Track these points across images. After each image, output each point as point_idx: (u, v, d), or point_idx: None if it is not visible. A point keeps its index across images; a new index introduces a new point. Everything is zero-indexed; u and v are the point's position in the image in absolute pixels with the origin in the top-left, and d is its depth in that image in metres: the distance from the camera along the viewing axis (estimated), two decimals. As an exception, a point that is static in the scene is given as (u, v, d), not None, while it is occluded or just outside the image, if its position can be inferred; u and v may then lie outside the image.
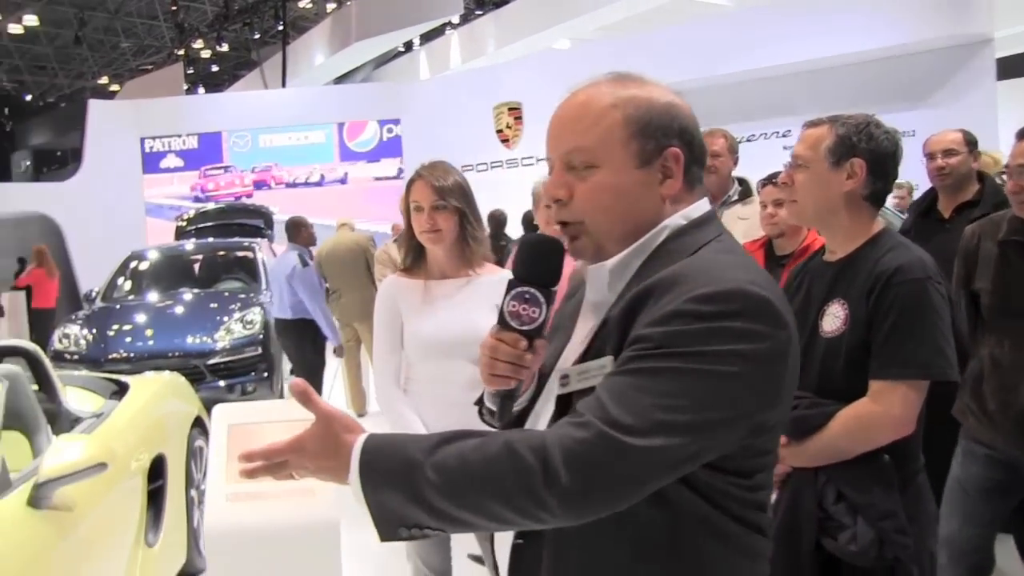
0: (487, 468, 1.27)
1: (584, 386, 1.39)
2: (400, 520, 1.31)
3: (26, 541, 2.91)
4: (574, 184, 1.46)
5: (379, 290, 3.17)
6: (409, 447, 1.33)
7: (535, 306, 1.47)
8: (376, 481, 1.32)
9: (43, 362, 4.20)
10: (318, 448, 1.39)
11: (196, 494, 4.83)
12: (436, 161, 3.11)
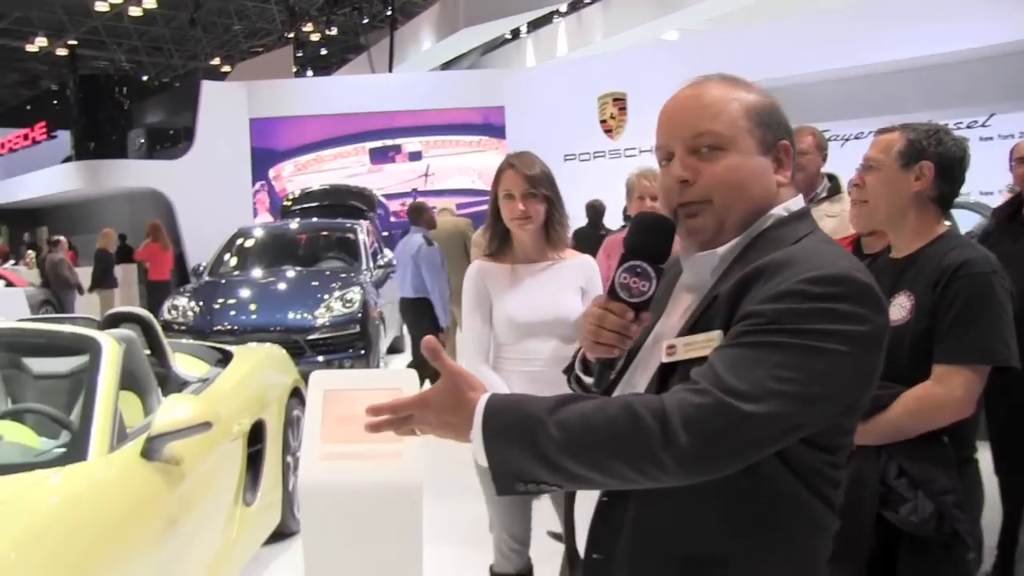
0: (608, 427, 1.35)
1: (690, 356, 1.47)
2: (518, 475, 1.39)
3: (139, 488, 3.13)
4: (700, 167, 1.55)
5: (467, 274, 3.31)
6: (531, 405, 1.41)
7: (646, 280, 1.55)
8: (498, 437, 1.40)
9: (155, 328, 4.45)
10: (443, 404, 1.46)
11: (292, 460, 5.05)
12: (523, 151, 3.26)
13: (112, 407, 3.26)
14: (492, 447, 1.39)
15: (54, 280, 14.76)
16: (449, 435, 1.48)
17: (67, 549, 2.60)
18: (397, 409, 1.49)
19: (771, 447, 1.38)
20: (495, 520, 3.19)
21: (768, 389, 1.34)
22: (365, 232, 10.67)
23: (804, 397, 1.35)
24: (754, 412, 1.32)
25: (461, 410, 1.44)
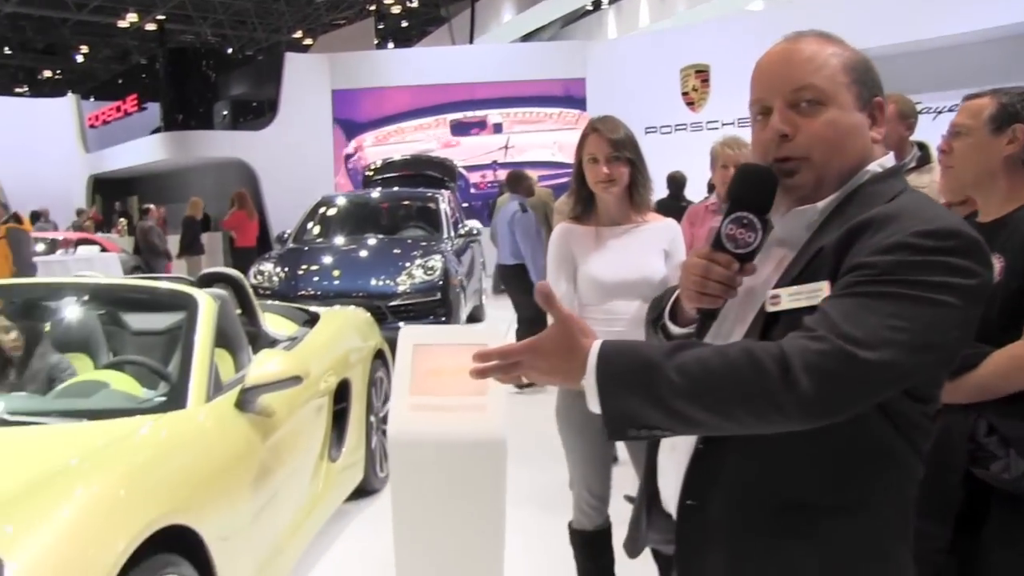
0: (728, 372, 1.37)
1: (794, 306, 1.49)
2: (631, 420, 1.41)
3: (234, 437, 3.28)
4: (799, 121, 1.56)
5: (552, 235, 3.36)
6: (647, 351, 1.44)
7: (752, 231, 1.55)
8: (613, 382, 1.41)
9: (246, 289, 4.60)
10: (555, 349, 1.47)
11: (375, 420, 5.19)
12: (607, 116, 3.28)
13: (208, 359, 3.41)
14: (606, 392, 1.41)
15: (144, 247, 15.18)
16: (558, 381, 1.50)
17: (168, 488, 2.74)
18: (506, 355, 1.50)
19: (883, 394, 1.41)
20: (575, 477, 3.25)
21: (883, 337, 1.36)
22: (446, 201, 10.78)
23: (916, 346, 1.38)
24: (871, 359, 1.34)
25: (574, 356, 1.45)
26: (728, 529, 1.54)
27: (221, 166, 23.97)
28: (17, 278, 7.28)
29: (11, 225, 8.40)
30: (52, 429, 3.03)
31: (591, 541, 3.25)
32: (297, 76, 21.65)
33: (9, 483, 2.51)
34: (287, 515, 3.78)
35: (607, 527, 3.27)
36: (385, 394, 5.43)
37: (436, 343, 2.68)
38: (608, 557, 3.29)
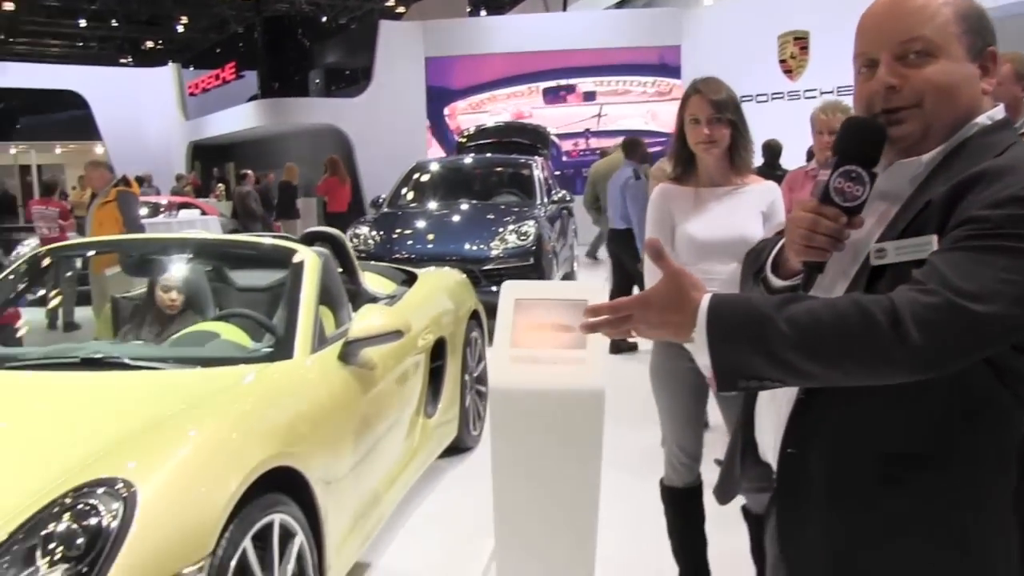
0: (839, 324, 1.38)
1: (901, 260, 1.49)
2: (741, 372, 1.43)
3: (338, 387, 3.39)
4: (908, 73, 1.55)
5: (652, 196, 3.36)
6: (756, 304, 1.45)
7: (860, 185, 1.54)
8: (723, 334, 1.43)
9: (347, 248, 4.72)
10: (665, 302, 1.49)
11: (469, 379, 5.28)
12: (709, 76, 3.25)
13: (313, 312, 3.52)
14: (716, 344, 1.43)
15: (241, 211, 15.55)
16: (668, 334, 1.52)
17: (277, 432, 2.86)
18: (617, 309, 1.52)
19: (994, 347, 1.41)
20: (667, 435, 3.29)
21: (995, 291, 1.35)
22: (540, 168, 10.80)
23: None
24: (982, 312, 1.34)
25: (683, 309, 1.47)
26: (828, 479, 1.54)
27: (315, 133, 24.38)
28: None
29: (121, 188, 8.69)
30: (169, 375, 3.18)
31: (682, 498, 3.28)
32: (391, 44, 21.81)
33: (131, 422, 2.65)
34: (385, 466, 3.89)
35: (698, 485, 3.30)
36: (479, 354, 5.52)
37: (537, 298, 2.73)
38: (698, 514, 3.32)
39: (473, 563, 3.83)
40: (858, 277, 1.56)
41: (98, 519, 2.17)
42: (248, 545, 2.52)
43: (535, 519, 2.63)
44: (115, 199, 8.45)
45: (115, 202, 8.42)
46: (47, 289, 5.91)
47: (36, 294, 5.46)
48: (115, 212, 8.38)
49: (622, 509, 4.26)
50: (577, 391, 2.54)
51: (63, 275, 6.47)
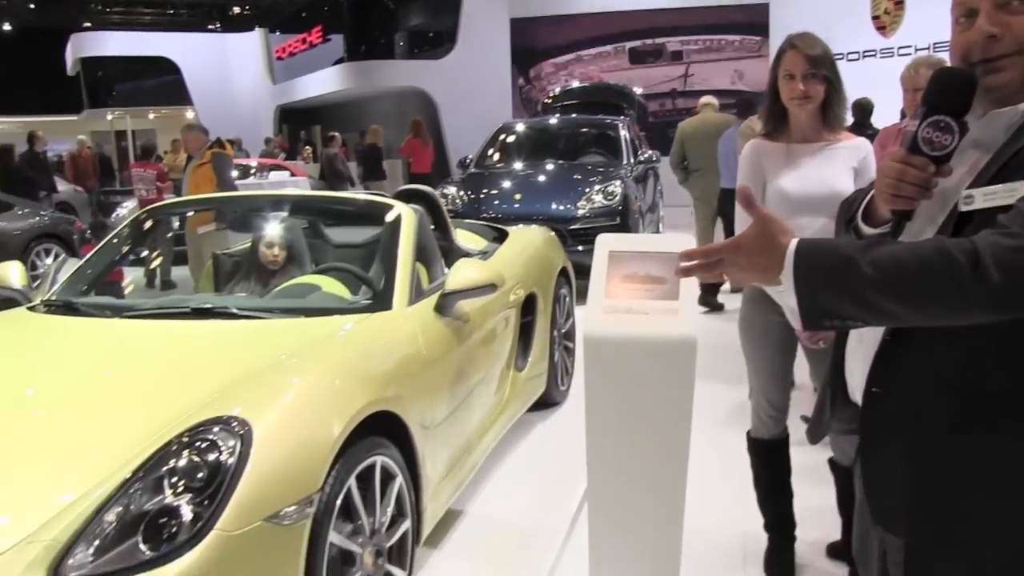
0: (922, 266, 1.42)
1: (988, 205, 1.51)
2: (827, 312, 1.49)
3: (434, 337, 3.49)
4: (1010, 20, 1.55)
5: (744, 151, 3.37)
6: (841, 246, 1.51)
7: (948, 134, 1.55)
8: (809, 276, 1.49)
9: (439, 205, 4.83)
10: (755, 247, 1.56)
11: (558, 335, 5.36)
12: (805, 32, 3.22)
13: (410, 265, 3.63)
14: (803, 285, 1.49)
15: (329, 173, 15.79)
16: (757, 277, 1.59)
17: (377, 379, 2.98)
18: (709, 253, 1.60)
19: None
20: (754, 387, 3.33)
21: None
22: (626, 128, 10.76)
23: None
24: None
25: (772, 252, 1.53)
26: (912, 417, 1.58)
27: (400, 95, 24.57)
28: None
29: (215, 150, 8.94)
30: (274, 324, 3.32)
31: (768, 449, 3.33)
32: (475, 5, 21.84)
33: (241, 368, 2.79)
34: (477, 416, 4.00)
35: (784, 437, 3.33)
36: (567, 311, 5.59)
37: (630, 250, 2.78)
38: (784, 466, 3.36)
39: (560, 512, 3.93)
40: (946, 224, 1.58)
41: (217, 454, 2.31)
42: (352, 484, 2.65)
43: (626, 466, 2.70)
44: (210, 161, 8.70)
45: (210, 164, 8.67)
46: (148, 249, 6.17)
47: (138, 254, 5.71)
48: (210, 174, 8.61)
49: (709, 460, 4.31)
50: (670, 340, 2.59)
51: (162, 235, 6.72)
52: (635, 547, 2.76)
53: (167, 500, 2.23)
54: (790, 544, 3.43)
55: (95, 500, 2.23)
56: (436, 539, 3.70)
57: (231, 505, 2.22)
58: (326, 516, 2.49)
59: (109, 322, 3.46)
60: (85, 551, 2.13)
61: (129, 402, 2.69)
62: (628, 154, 10.18)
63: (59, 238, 10.30)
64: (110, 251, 4.26)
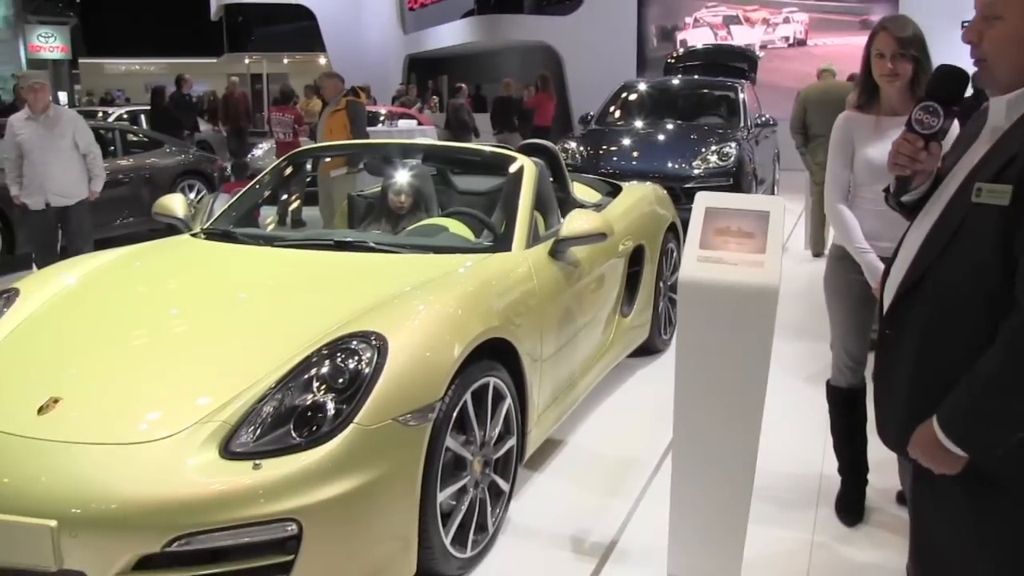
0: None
1: (992, 202, 1.76)
2: (996, 445, 1.73)
3: (548, 278, 3.86)
4: (984, 31, 1.86)
5: (836, 122, 3.61)
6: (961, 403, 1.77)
7: (934, 116, 1.96)
8: (967, 442, 1.76)
9: (559, 159, 5.16)
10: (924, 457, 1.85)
11: (663, 286, 5.67)
12: (898, 15, 3.48)
13: (529, 212, 4.00)
14: (969, 449, 1.77)
15: (455, 122, 16.24)
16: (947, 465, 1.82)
17: (494, 310, 3.36)
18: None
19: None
20: (835, 339, 3.59)
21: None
22: (745, 91, 10.87)
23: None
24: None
25: (935, 455, 1.82)
26: (914, 363, 1.89)
27: (526, 49, 24.82)
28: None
29: (350, 98, 9.43)
30: (407, 258, 3.74)
31: (845, 398, 3.60)
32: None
33: (379, 293, 3.21)
34: (582, 355, 4.36)
35: (861, 387, 3.58)
36: (674, 264, 5.89)
37: (725, 207, 3.07)
38: (861, 414, 3.62)
39: (651, 449, 4.28)
40: (953, 201, 1.88)
41: (357, 362, 2.74)
42: (468, 399, 3.05)
43: (709, 400, 3.01)
44: (345, 108, 9.19)
45: (344, 111, 9.16)
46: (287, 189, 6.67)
47: (279, 193, 6.21)
48: (344, 120, 9.11)
49: (793, 408, 4.68)
50: (756, 287, 2.88)
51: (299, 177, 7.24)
52: (713, 476, 3.08)
53: (314, 398, 2.67)
54: (862, 488, 3.70)
55: (256, 394, 2.69)
56: (537, 462, 4.10)
57: (367, 405, 2.64)
58: (444, 423, 2.89)
59: (262, 250, 3.94)
60: (247, 434, 2.58)
61: (284, 316, 3.15)
62: (745, 117, 10.31)
63: (202, 174, 10.99)
64: (259, 189, 4.74)
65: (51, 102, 7.16)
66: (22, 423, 2.64)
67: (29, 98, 7.03)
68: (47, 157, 6.99)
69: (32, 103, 7.01)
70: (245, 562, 2.47)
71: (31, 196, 7.05)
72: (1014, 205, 1.71)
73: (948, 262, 1.83)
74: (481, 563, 3.25)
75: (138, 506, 2.39)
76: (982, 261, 1.75)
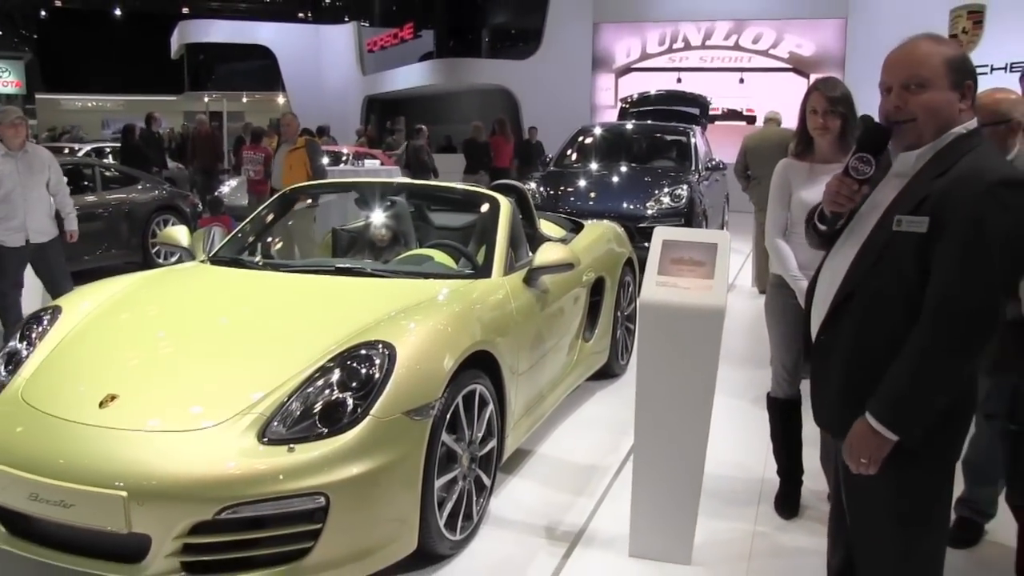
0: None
1: (910, 230, 2.30)
2: (923, 419, 2.26)
3: (523, 302, 4.39)
4: (908, 97, 2.38)
5: (776, 168, 4.18)
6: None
7: (868, 165, 2.43)
8: (899, 426, 2.26)
9: (527, 198, 5.70)
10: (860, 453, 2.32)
11: (621, 316, 6.22)
12: (829, 77, 4.09)
13: (506, 244, 4.54)
14: (900, 432, 2.26)
15: (415, 163, 16.75)
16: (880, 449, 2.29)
17: (479, 326, 3.86)
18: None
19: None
20: (774, 355, 4.15)
21: None
22: (696, 136, 11.54)
23: None
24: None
25: (867, 444, 2.30)
26: (845, 355, 2.41)
27: (484, 91, 25.51)
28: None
29: (308, 137, 9.94)
30: (400, 283, 4.24)
31: (782, 408, 4.14)
32: (561, 7, 22.67)
33: (379, 311, 3.71)
34: (550, 373, 4.88)
35: (797, 398, 4.13)
36: (631, 296, 6.44)
37: (679, 240, 3.62)
38: (796, 423, 4.16)
39: (611, 456, 4.81)
40: (876, 230, 2.40)
41: (369, 367, 3.24)
42: (460, 402, 3.55)
43: (665, 404, 3.53)
44: (304, 147, 9.66)
45: (303, 149, 9.63)
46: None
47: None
48: (304, 158, 9.60)
49: (737, 421, 5.29)
50: (705, 307, 3.42)
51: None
52: (669, 466, 3.60)
53: (335, 395, 3.16)
54: (797, 489, 4.24)
55: (285, 392, 3.18)
56: (512, 467, 4.59)
57: (380, 401, 3.14)
58: (440, 421, 3.39)
59: (269, 274, 4.44)
60: (279, 425, 3.07)
61: (301, 328, 3.65)
62: (696, 160, 10.96)
63: (175, 210, 11.37)
64: (257, 222, 5.23)
65: (27, 139, 6.96)
66: (88, 415, 3.12)
67: (8, 134, 6.72)
68: (28, 194, 6.80)
69: (10, 139, 6.74)
70: (282, 528, 2.95)
71: (10, 233, 6.75)
72: (929, 232, 2.25)
73: (875, 277, 2.34)
74: (468, 546, 3.75)
75: (193, 481, 2.87)
76: (904, 275, 2.28)
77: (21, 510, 3.04)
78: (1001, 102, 3.59)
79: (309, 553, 2.98)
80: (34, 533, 3.10)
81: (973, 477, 3.88)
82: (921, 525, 2.38)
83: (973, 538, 3.88)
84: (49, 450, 3.02)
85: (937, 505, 2.40)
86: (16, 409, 3.29)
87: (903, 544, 2.40)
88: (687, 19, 21.45)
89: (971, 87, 2.39)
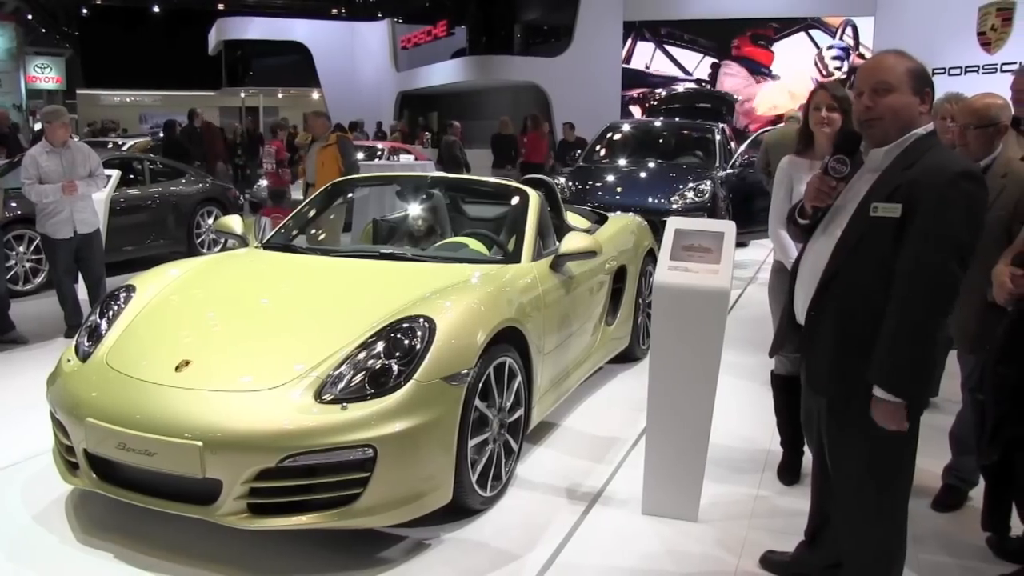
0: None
1: (885, 215, 2.69)
2: (925, 380, 2.69)
3: (549, 286, 4.80)
4: (878, 100, 2.77)
5: (780, 164, 4.55)
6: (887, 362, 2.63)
7: (844, 165, 2.83)
8: (904, 390, 2.62)
9: (555, 191, 6.11)
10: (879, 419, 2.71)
11: (642, 302, 6.61)
12: (832, 80, 4.41)
13: (535, 232, 4.96)
14: (905, 394, 2.61)
15: (447, 158, 17.20)
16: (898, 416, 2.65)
17: (509, 305, 4.27)
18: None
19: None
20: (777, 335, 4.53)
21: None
22: (721, 134, 11.90)
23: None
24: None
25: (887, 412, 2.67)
26: (835, 327, 2.80)
27: (515, 87, 25.89)
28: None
29: (339, 134, 10.28)
30: (438, 266, 4.67)
31: (785, 384, 4.50)
32: (592, 4, 22.98)
33: (420, 290, 4.14)
34: (574, 353, 5.28)
35: (798, 375, 4.48)
36: (651, 285, 6.81)
37: (690, 228, 4.03)
38: (798, 397, 4.50)
39: (629, 429, 5.21)
40: (855, 218, 2.79)
41: (412, 338, 3.66)
42: (491, 372, 3.97)
43: (676, 375, 3.94)
44: (335, 143, 9.99)
45: (335, 146, 9.92)
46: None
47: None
48: (335, 154, 9.86)
49: (745, 398, 5.68)
50: (712, 289, 3.82)
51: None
52: (677, 437, 4.00)
53: (382, 362, 3.59)
54: (799, 458, 4.60)
55: (338, 360, 3.61)
56: (537, 438, 5.01)
57: (422, 367, 3.57)
58: (474, 388, 3.80)
59: (319, 258, 4.89)
60: (333, 387, 3.50)
61: (351, 304, 4.09)
62: (720, 157, 11.31)
63: (219, 202, 11.87)
64: (304, 212, 5.67)
65: (70, 135, 7.44)
66: (166, 377, 3.57)
67: (58, 133, 7.20)
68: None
69: (57, 138, 7.21)
70: (336, 476, 3.38)
71: (59, 226, 7.24)
72: (902, 218, 2.63)
73: (856, 259, 2.72)
74: (497, 503, 4.17)
75: (260, 434, 3.31)
76: (882, 255, 2.65)
77: (111, 458, 3.51)
78: (991, 107, 3.97)
79: (359, 498, 3.41)
80: (121, 479, 3.57)
81: (958, 447, 4.25)
82: (891, 472, 2.79)
83: (957, 503, 4.25)
84: (135, 407, 3.49)
85: (906, 451, 2.80)
86: (104, 373, 3.76)
87: (876, 489, 2.82)
88: (716, 16, 21.71)
89: (929, 94, 2.78)
